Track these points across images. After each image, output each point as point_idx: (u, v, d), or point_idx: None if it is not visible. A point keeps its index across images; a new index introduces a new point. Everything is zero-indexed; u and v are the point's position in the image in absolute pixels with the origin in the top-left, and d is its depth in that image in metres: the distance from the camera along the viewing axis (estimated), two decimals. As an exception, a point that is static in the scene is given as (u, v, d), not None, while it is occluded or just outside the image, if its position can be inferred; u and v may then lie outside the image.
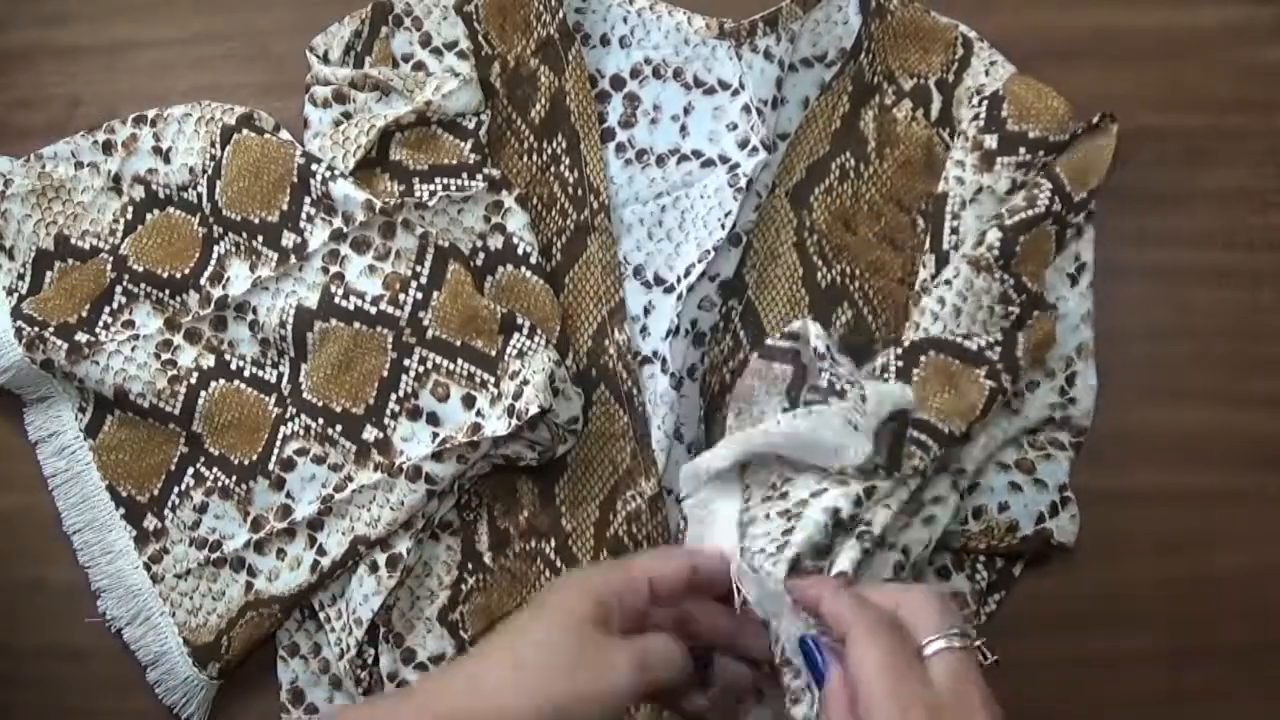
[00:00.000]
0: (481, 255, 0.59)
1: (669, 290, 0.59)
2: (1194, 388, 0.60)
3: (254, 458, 0.58)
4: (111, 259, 0.60)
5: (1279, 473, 0.60)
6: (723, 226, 0.59)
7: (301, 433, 0.57)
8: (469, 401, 0.56)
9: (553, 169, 0.61)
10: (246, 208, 0.58)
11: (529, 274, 0.59)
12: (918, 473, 0.51)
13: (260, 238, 0.58)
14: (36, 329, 0.58)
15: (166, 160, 0.60)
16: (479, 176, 0.59)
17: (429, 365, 0.56)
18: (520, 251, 0.59)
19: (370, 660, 0.56)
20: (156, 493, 0.59)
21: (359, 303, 0.56)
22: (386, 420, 0.57)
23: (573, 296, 0.60)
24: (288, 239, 0.58)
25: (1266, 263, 0.62)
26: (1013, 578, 0.58)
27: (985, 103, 0.58)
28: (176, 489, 0.59)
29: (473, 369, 0.56)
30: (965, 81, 0.61)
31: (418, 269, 0.56)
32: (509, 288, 0.58)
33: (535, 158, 0.61)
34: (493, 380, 0.56)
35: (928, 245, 0.58)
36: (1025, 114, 0.57)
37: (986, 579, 0.57)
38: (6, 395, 0.60)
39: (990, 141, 0.57)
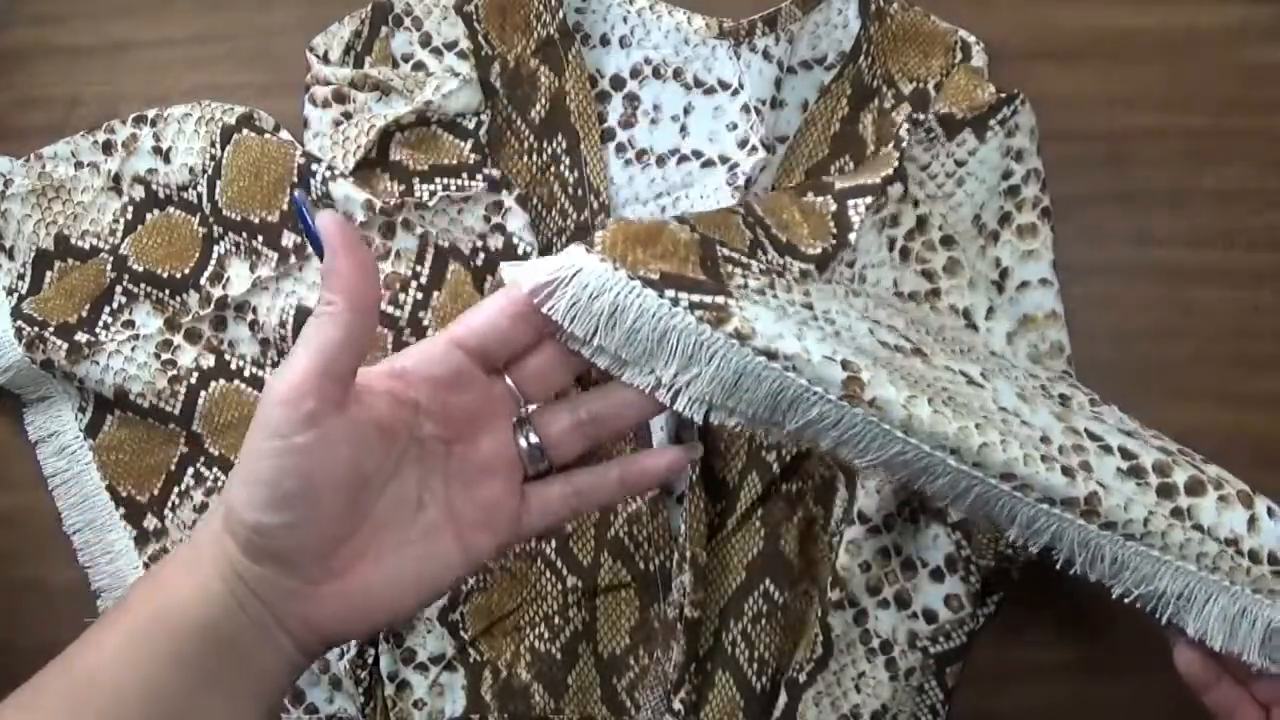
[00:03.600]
0: (482, 255, 0.59)
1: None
2: (1194, 388, 0.60)
3: (254, 458, 0.58)
4: (111, 259, 0.60)
5: (1279, 473, 0.60)
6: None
7: (301, 433, 0.57)
8: (469, 402, 0.56)
9: (553, 169, 0.61)
10: (246, 208, 0.58)
11: (529, 274, 0.59)
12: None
13: (260, 238, 0.58)
14: (36, 329, 0.58)
15: (166, 160, 0.60)
16: (479, 176, 0.59)
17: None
18: (521, 252, 0.59)
19: (370, 660, 0.56)
20: (156, 493, 0.59)
21: (359, 303, 0.56)
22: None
23: (573, 297, 0.60)
24: (288, 239, 0.58)
25: (1266, 263, 0.62)
26: (1011, 580, 0.58)
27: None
28: (176, 489, 0.59)
29: (473, 369, 0.56)
30: (964, 84, 0.61)
31: (418, 269, 0.56)
32: (510, 288, 0.58)
33: (535, 158, 0.61)
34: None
35: None
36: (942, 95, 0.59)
37: (981, 580, 0.57)
38: (6, 395, 0.60)
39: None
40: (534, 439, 0.44)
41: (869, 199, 0.53)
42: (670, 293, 0.42)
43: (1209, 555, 0.46)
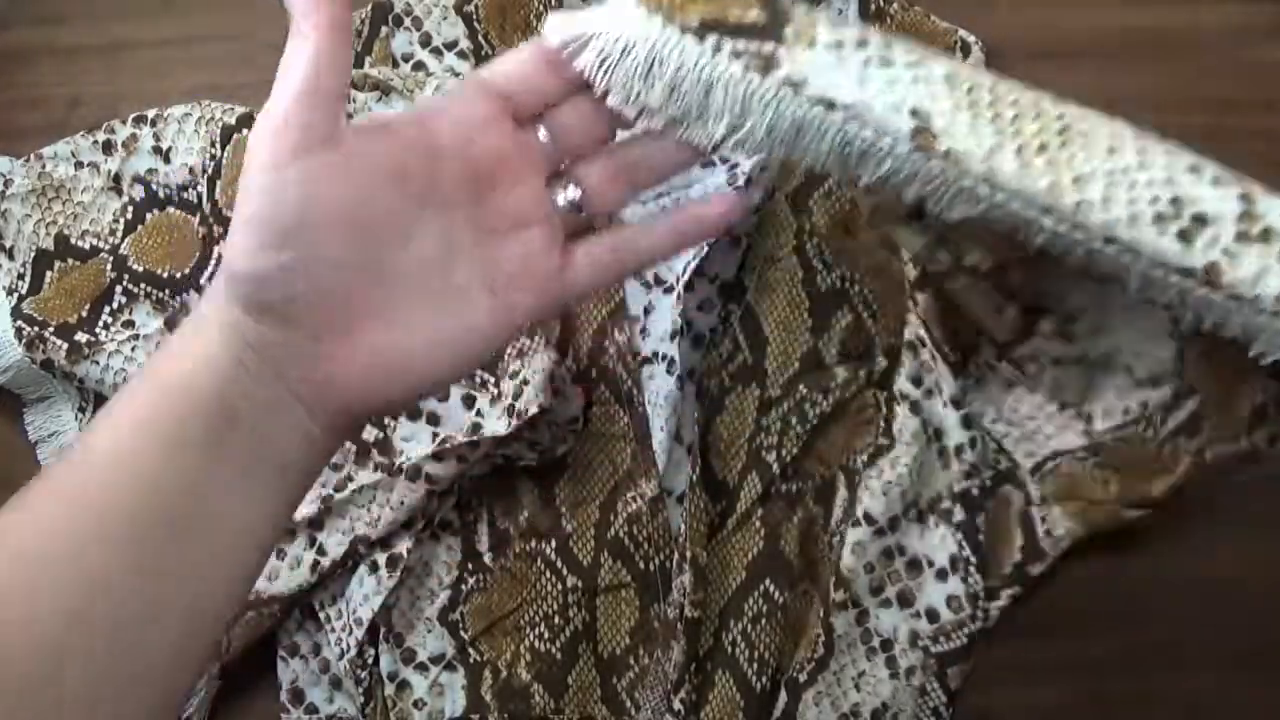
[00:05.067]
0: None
1: (669, 291, 0.59)
2: (1194, 388, 0.60)
3: (254, 458, 0.58)
4: (111, 259, 0.60)
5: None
6: (722, 226, 0.58)
7: (301, 433, 0.57)
8: (469, 401, 0.56)
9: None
10: (246, 208, 0.58)
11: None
12: None
13: (260, 238, 0.58)
14: (36, 329, 0.58)
15: (166, 160, 0.61)
16: (479, 176, 0.59)
17: (429, 365, 0.56)
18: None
19: (370, 660, 0.56)
20: (156, 493, 0.59)
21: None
22: (387, 420, 0.57)
23: (573, 296, 0.60)
24: (288, 239, 0.58)
25: (1266, 263, 0.62)
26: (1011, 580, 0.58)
27: None
28: (176, 489, 0.59)
29: (473, 369, 0.56)
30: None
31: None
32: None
33: (535, 158, 0.61)
34: (492, 380, 0.56)
35: None
36: None
37: (985, 588, 0.57)
38: (6, 395, 0.60)
39: None
40: (572, 193, 0.40)
41: None
42: (712, 38, 0.38)
43: None
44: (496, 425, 0.54)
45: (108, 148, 0.61)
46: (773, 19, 0.39)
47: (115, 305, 0.59)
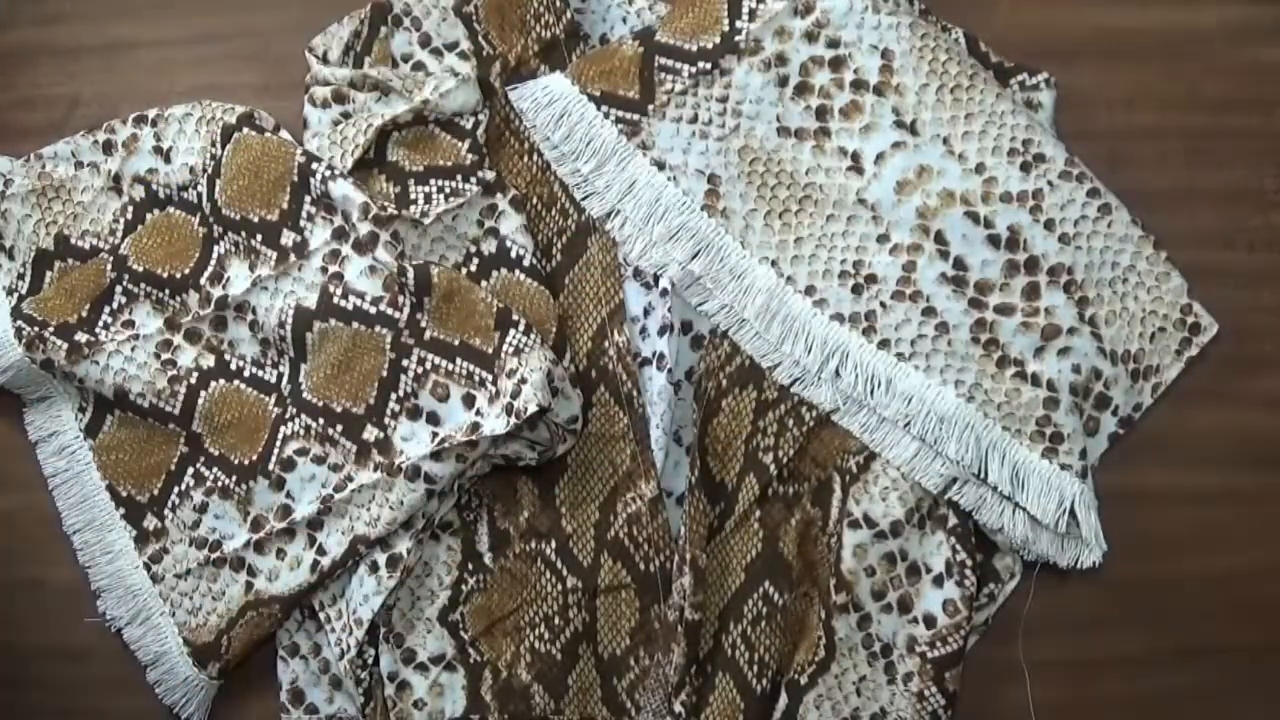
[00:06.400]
0: (475, 261, 0.59)
1: (665, 293, 0.59)
2: (1194, 388, 0.60)
3: (254, 458, 0.58)
4: (111, 259, 0.60)
5: (1279, 473, 0.60)
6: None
7: (302, 433, 0.57)
8: (469, 401, 0.56)
9: (553, 168, 0.61)
10: (246, 206, 0.58)
11: (523, 277, 0.59)
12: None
13: (259, 236, 0.58)
14: (36, 329, 0.58)
15: (167, 160, 0.60)
16: (473, 179, 0.59)
17: (428, 365, 0.56)
18: (513, 255, 0.59)
19: (370, 660, 0.56)
20: (156, 493, 0.59)
21: (358, 303, 0.56)
22: (387, 420, 0.57)
23: (573, 297, 0.60)
24: (287, 238, 0.58)
25: (1266, 263, 0.62)
26: (1011, 577, 0.58)
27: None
28: (176, 489, 0.59)
29: (472, 368, 0.56)
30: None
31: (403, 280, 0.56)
32: (503, 292, 0.58)
33: (535, 157, 0.61)
34: (491, 378, 0.56)
35: None
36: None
37: (976, 586, 0.57)
38: (6, 395, 0.60)
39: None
40: None
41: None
42: (604, 105, 0.58)
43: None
44: (495, 424, 0.54)
45: (108, 148, 0.61)
46: (644, 96, 0.59)
47: (115, 305, 0.59)
